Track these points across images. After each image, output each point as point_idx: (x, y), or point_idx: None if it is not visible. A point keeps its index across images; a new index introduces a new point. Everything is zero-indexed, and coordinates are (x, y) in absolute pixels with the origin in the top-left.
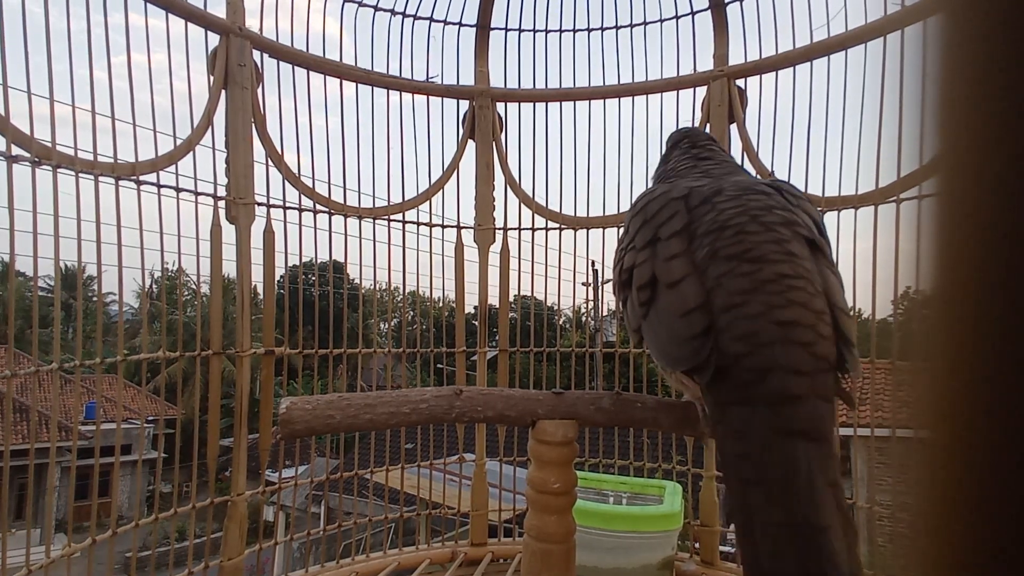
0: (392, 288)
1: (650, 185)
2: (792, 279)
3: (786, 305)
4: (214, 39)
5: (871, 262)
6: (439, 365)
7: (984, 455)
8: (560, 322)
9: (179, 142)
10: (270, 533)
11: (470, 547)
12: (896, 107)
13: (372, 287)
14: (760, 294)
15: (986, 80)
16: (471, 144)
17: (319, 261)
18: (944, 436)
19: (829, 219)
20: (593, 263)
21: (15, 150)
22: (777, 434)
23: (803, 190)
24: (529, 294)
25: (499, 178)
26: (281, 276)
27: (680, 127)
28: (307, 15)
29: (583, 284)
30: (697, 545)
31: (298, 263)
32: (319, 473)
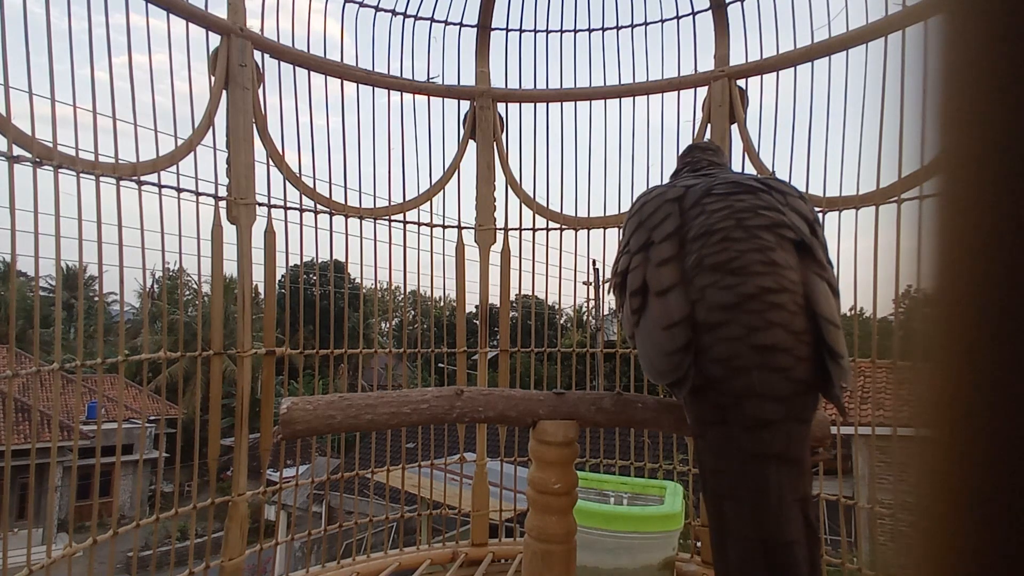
0: (393, 288)
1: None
2: (775, 294)
3: (766, 327)
4: (215, 39)
5: (872, 262)
6: (440, 365)
7: (985, 454)
8: (561, 322)
9: (180, 142)
10: (271, 532)
11: (471, 547)
12: (897, 107)
13: (373, 287)
14: (741, 312)
15: (987, 80)
16: (472, 144)
17: (320, 261)
18: (945, 435)
19: (830, 219)
20: (594, 262)
21: (16, 150)
22: (751, 456)
23: (803, 190)
24: (530, 294)
25: (500, 178)
26: (282, 276)
27: (686, 147)
28: (308, 16)
29: (584, 283)
30: (699, 544)
31: (299, 263)
32: (320, 472)
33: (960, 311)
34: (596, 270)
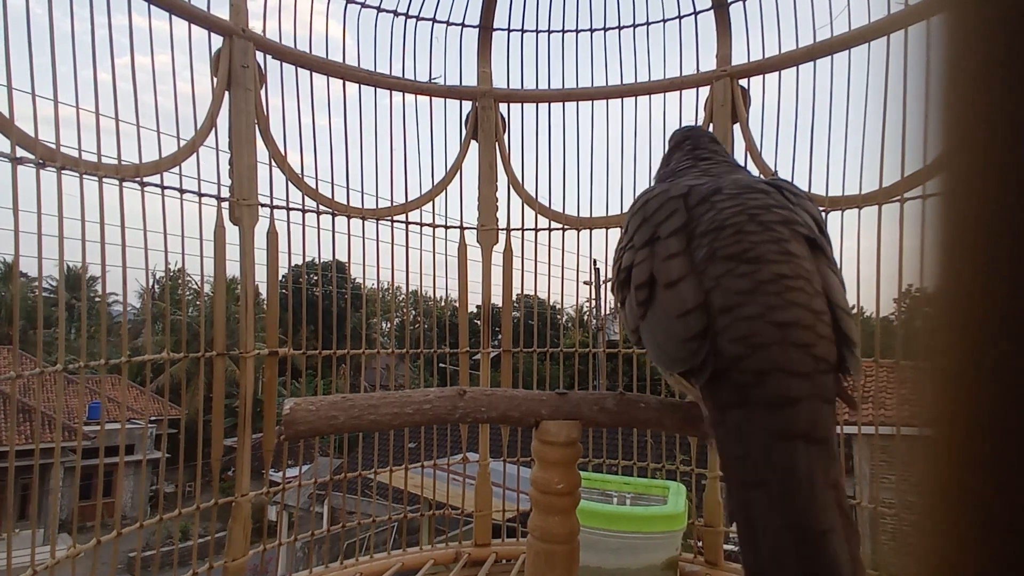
0: (395, 288)
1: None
2: (791, 279)
3: (785, 306)
4: (217, 40)
5: (875, 261)
6: (441, 364)
7: (987, 453)
8: (563, 321)
9: (183, 143)
10: (273, 531)
11: (474, 548)
12: (899, 106)
13: (376, 287)
14: (759, 295)
15: (989, 79)
16: (474, 145)
17: (323, 262)
18: (947, 434)
19: (833, 219)
20: (595, 261)
21: (19, 152)
22: (777, 437)
23: (806, 190)
24: (532, 294)
25: (502, 179)
26: (284, 275)
27: (682, 126)
28: (310, 17)
29: (584, 283)
30: (700, 544)
31: (302, 264)
32: (323, 472)
33: (963, 310)
34: (597, 269)
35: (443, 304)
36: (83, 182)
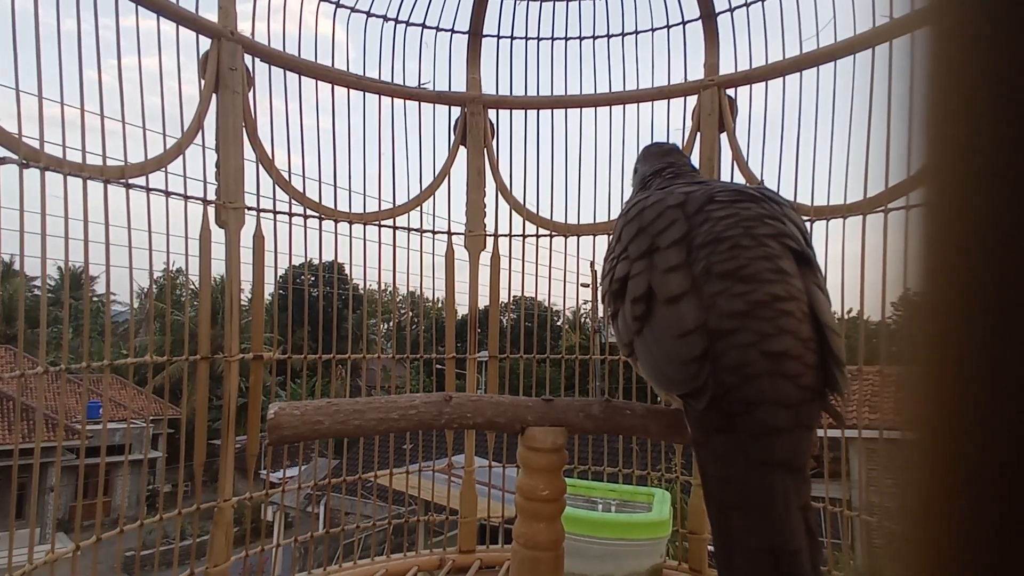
0: (383, 291)
1: (630, 193)
2: (784, 301)
3: (777, 334)
4: (205, 42)
5: (859, 269)
6: (440, 367)
7: (971, 456)
8: (553, 325)
9: (169, 144)
10: (269, 532)
11: (458, 554)
12: (884, 118)
13: (364, 292)
14: (752, 319)
15: (972, 91)
16: (462, 150)
17: (310, 266)
18: (928, 438)
19: (817, 228)
20: (592, 264)
21: (3, 152)
22: (759, 464)
23: (792, 199)
24: (520, 299)
25: (490, 184)
26: (282, 276)
27: (654, 143)
28: (299, 20)
29: (583, 285)
30: (687, 545)
31: (288, 268)
32: (314, 473)
33: (946, 318)
34: (595, 271)
35: (439, 307)
36: (67, 182)
